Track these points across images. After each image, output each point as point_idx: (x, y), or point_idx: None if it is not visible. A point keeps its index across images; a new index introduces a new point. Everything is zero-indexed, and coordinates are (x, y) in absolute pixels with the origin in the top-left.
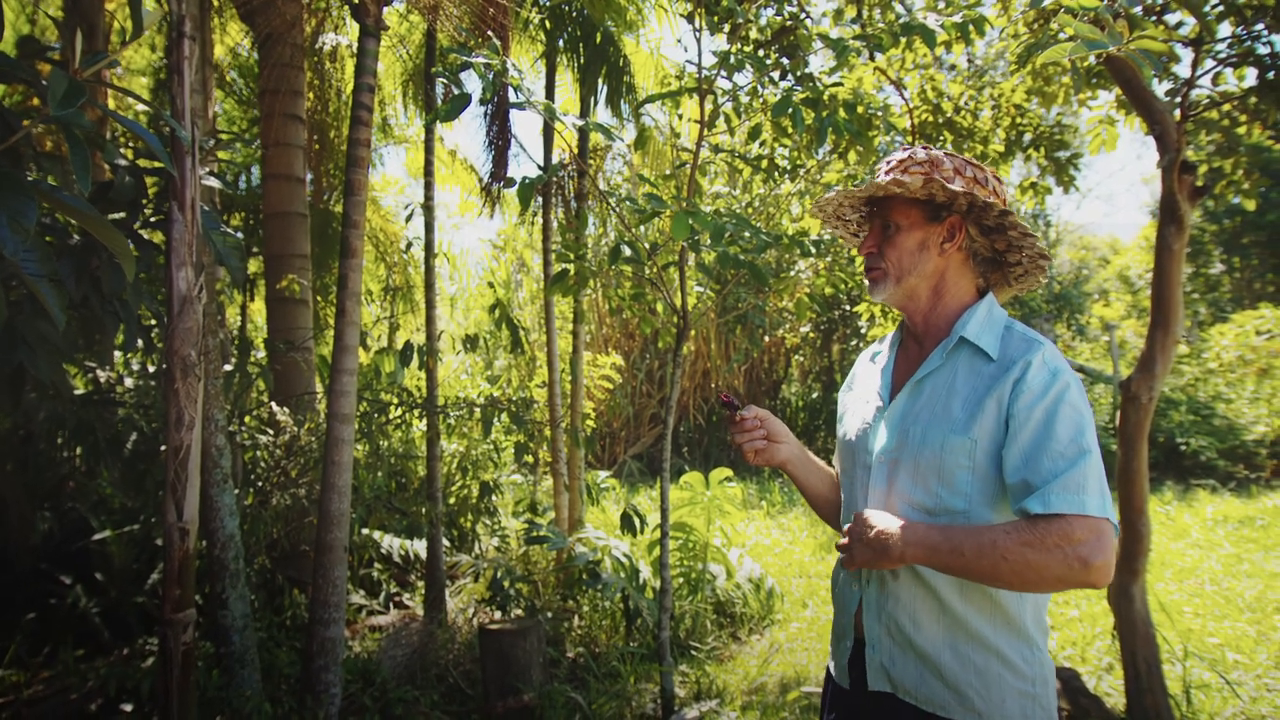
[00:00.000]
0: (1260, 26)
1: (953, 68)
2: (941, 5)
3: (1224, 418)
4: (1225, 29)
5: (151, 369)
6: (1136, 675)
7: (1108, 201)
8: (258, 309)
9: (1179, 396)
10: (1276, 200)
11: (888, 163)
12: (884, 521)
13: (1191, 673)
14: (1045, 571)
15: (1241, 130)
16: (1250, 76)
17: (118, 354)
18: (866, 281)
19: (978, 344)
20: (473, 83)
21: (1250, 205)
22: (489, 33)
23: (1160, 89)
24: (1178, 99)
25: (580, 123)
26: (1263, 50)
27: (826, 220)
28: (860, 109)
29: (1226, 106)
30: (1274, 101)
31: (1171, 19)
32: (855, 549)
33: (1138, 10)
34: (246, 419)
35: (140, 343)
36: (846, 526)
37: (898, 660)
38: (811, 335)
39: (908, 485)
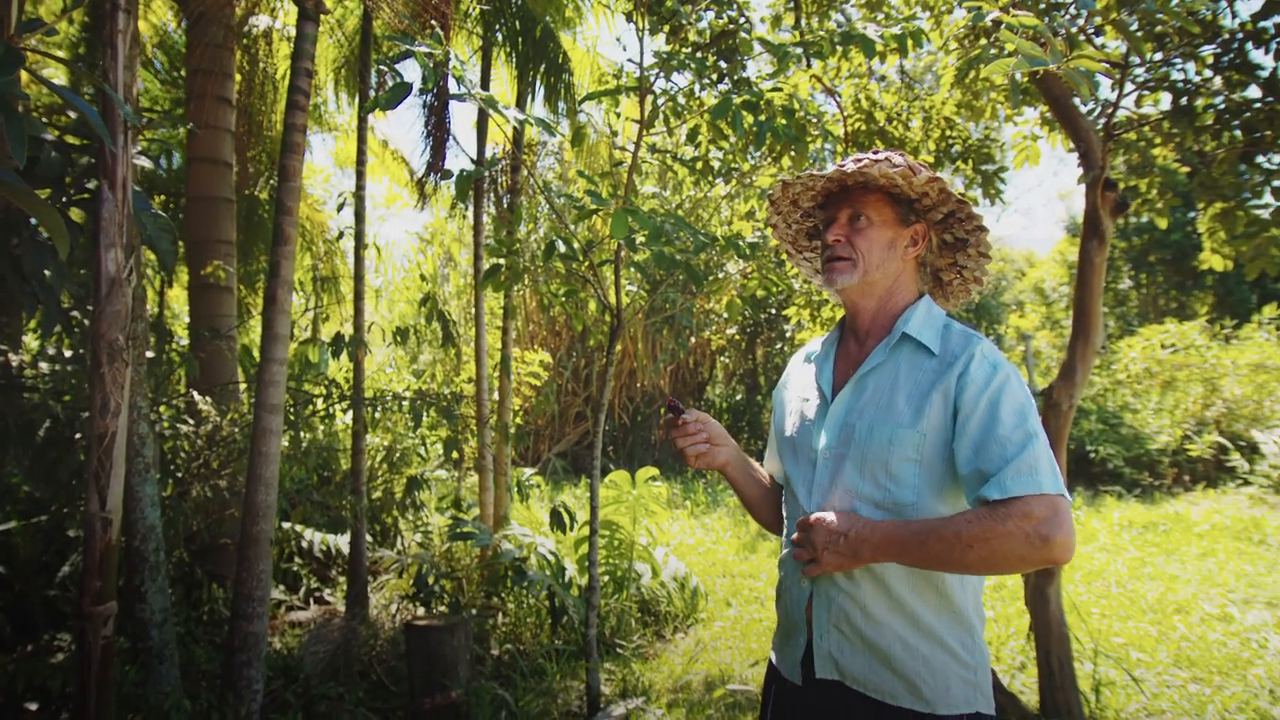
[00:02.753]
0: (1176, 56)
1: (883, 78)
2: (880, 17)
3: (1131, 427)
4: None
5: (69, 353)
6: (1050, 673)
7: (1026, 215)
8: (175, 295)
9: (1090, 406)
10: (1181, 220)
11: (857, 160)
12: (846, 525)
13: (1100, 670)
14: (1010, 553)
15: (1157, 152)
16: (1165, 101)
17: (32, 338)
18: (825, 270)
19: (920, 339)
20: (411, 72)
21: (1163, 223)
22: (431, 21)
23: (1084, 109)
24: (1101, 119)
25: (521, 116)
26: (1177, 77)
27: (777, 203)
28: (798, 115)
29: (1146, 129)
30: (1186, 126)
31: (1098, 41)
32: (824, 556)
33: (1075, 30)
34: (162, 408)
35: (58, 326)
36: (795, 536)
37: (846, 650)
38: (737, 338)
39: (854, 479)
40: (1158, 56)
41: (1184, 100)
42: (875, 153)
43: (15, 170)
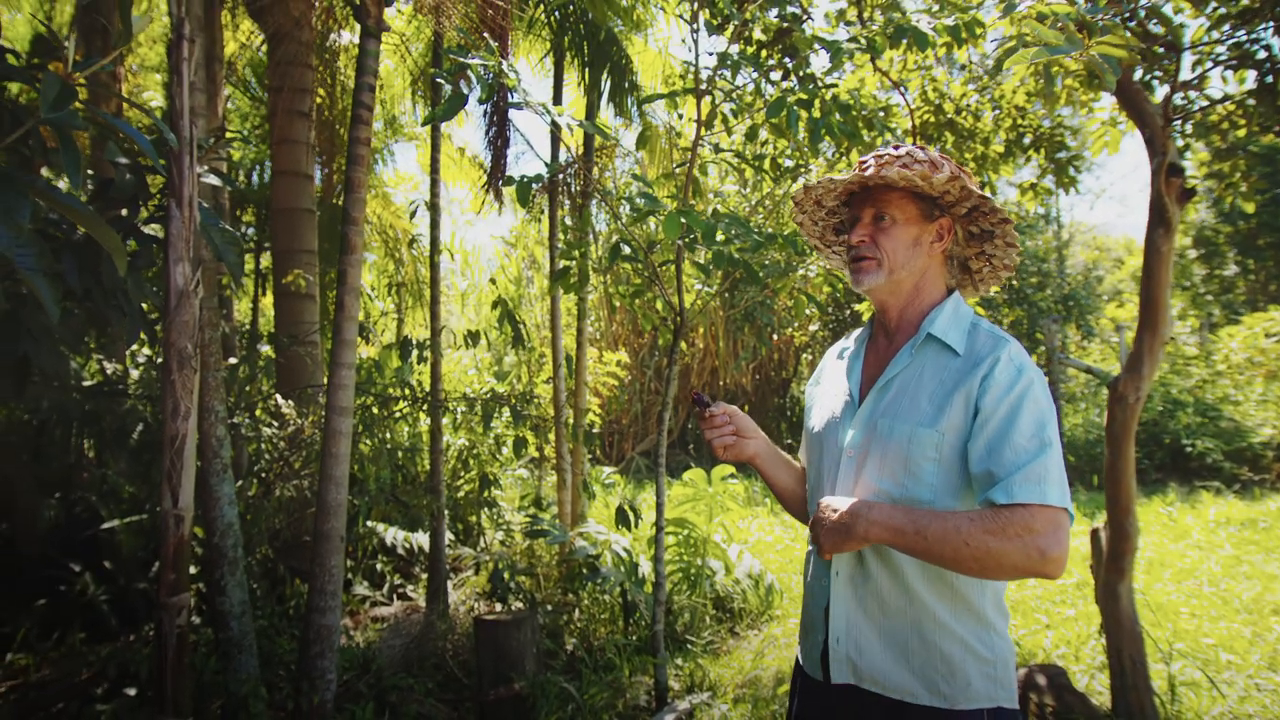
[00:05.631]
0: (1262, 29)
1: (963, 68)
2: (937, 8)
3: (1231, 420)
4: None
5: (159, 360)
6: (1122, 672)
7: (1122, 203)
8: (271, 304)
9: (1186, 398)
10: None
11: (879, 157)
12: (847, 503)
13: (1183, 671)
14: (1005, 559)
15: (1241, 133)
16: (1250, 79)
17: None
18: (851, 270)
19: (945, 340)
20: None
21: (1249, 207)
22: (485, 34)
23: (1160, 93)
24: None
25: (575, 122)
26: (1262, 55)
27: (801, 205)
28: (855, 110)
29: (1224, 109)
30: (1270, 105)
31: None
32: (820, 534)
33: (1115, 19)
34: (258, 411)
35: (144, 335)
36: (813, 516)
37: (864, 652)
38: (821, 334)
39: (874, 475)
40: (1241, 34)
41: (1269, 79)
42: (896, 147)
43: (82, 193)
